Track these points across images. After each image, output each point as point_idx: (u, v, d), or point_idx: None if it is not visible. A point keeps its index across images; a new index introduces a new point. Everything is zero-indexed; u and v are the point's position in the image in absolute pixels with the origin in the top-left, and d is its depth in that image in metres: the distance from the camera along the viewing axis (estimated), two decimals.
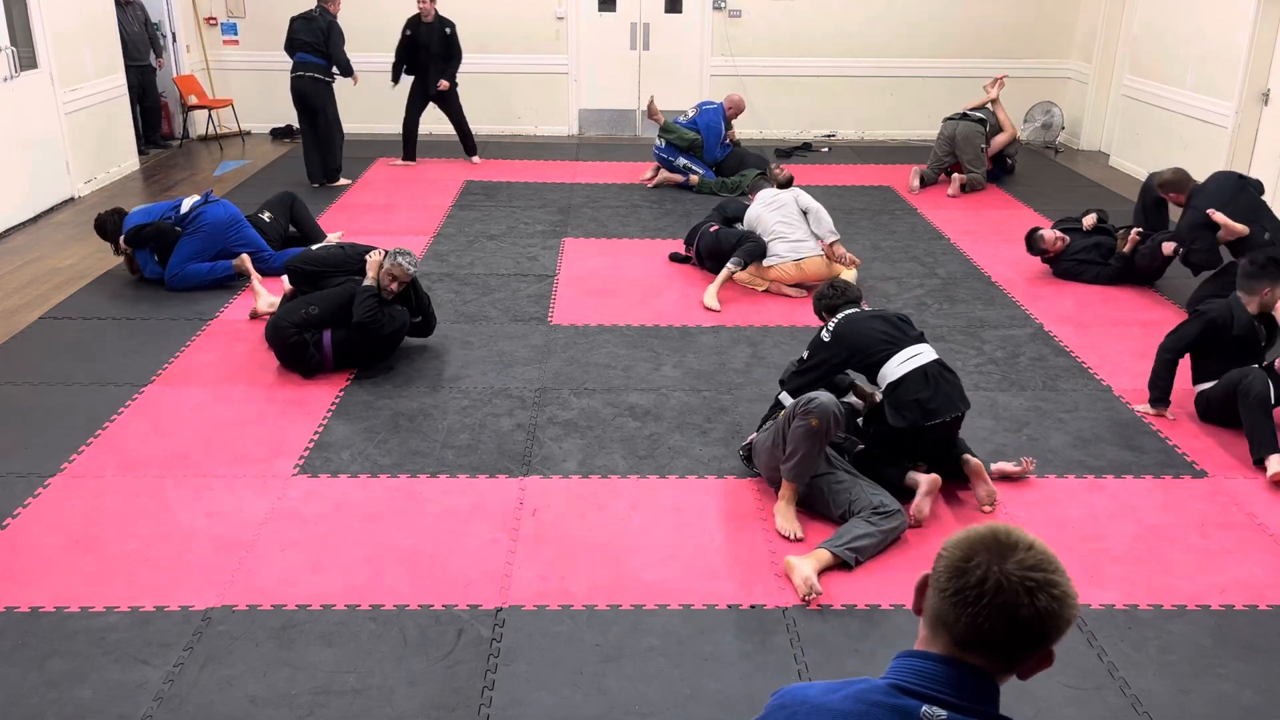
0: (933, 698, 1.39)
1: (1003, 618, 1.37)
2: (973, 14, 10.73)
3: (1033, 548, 1.40)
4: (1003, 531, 1.42)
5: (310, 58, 8.44)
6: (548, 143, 10.76)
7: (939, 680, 1.40)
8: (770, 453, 3.94)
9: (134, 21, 9.55)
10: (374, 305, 5.04)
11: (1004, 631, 1.37)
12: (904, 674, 1.43)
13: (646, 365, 5.29)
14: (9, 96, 7.44)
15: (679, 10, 10.81)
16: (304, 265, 5.35)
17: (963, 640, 1.40)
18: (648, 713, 2.96)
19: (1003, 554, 1.39)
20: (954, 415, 3.99)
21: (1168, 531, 3.90)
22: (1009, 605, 1.36)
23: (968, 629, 1.39)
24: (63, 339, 5.55)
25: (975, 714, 1.39)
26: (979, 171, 8.80)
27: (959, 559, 1.41)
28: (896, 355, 4.01)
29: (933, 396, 3.92)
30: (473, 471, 4.25)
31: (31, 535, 3.77)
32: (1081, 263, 6.57)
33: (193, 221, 6.22)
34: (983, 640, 1.39)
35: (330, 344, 5.05)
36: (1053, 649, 1.42)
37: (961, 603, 1.39)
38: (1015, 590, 1.36)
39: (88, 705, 2.95)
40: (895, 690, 1.41)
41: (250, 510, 3.95)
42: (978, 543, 1.41)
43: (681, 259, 6.94)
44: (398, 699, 2.99)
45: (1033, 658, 1.41)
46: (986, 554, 1.39)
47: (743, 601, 3.45)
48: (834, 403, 3.77)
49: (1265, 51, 7.85)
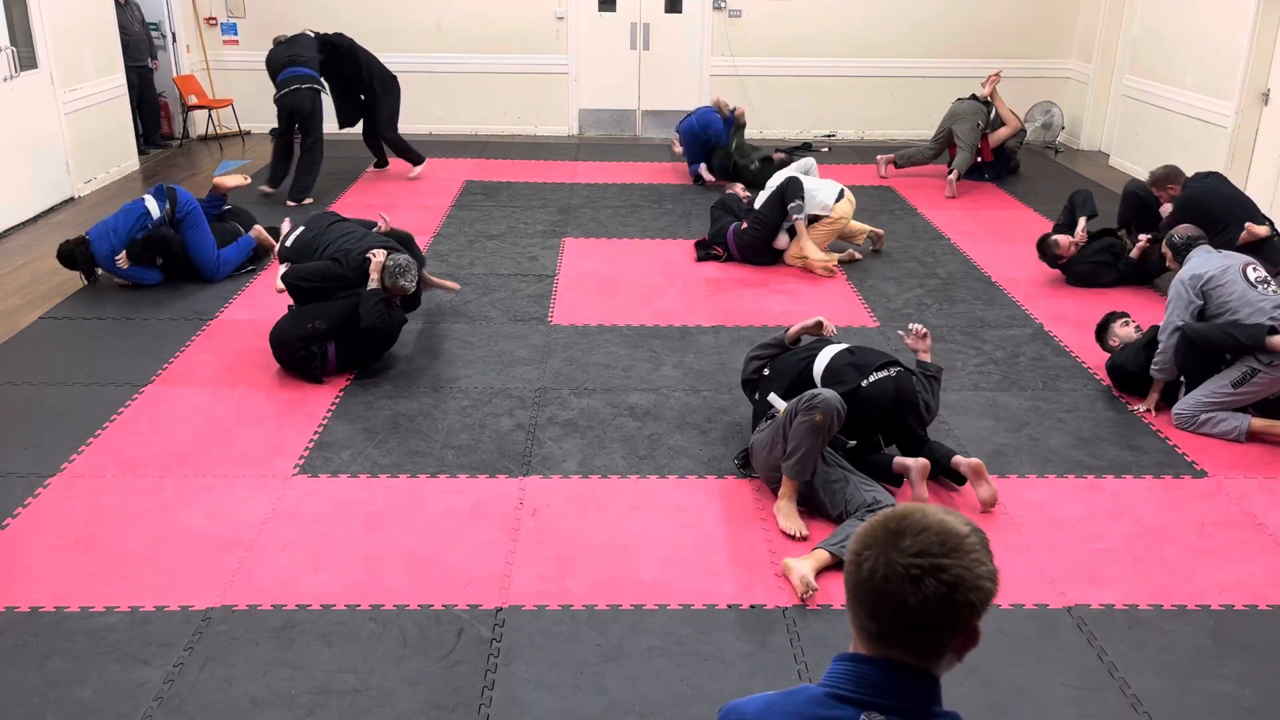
0: (869, 704, 1.37)
1: (894, 609, 1.33)
2: (973, 14, 10.73)
3: (924, 531, 1.34)
4: (896, 517, 1.38)
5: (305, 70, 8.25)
6: (548, 143, 10.76)
7: (873, 685, 1.38)
8: (769, 452, 3.94)
9: (134, 21, 9.56)
10: (383, 310, 5.05)
11: (900, 623, 1.34)
12: (840, 680, 1.40)
13: (646, 365, 5.29)
14: (9, 96, 7.44)
15: (679, 10, 10.80)
16: (308, 285, 5.21)
17: (874, 635, 1.37)
18: (648, 713, 2.96)
19: (891, 542, 1.35)
20: (884, 363, 4.09)
21: (1168, 531, 3.90)
22: (897, 596, 1.32)
23: (873, 624, 1.36)
24: (63, 339, 5.55)
25: (913, 715, 1.36)
26: (967, 151, 8.81)
27: (853, 553, 1.39)
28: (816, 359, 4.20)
29: (857, 360, 4.12)
30: (473, 471, 4.25)
31: (31, 535, 3.77)
32: (1098, 265, 6.53)
33: (189, 216, 6.27)
34: (889, 633, 1.35)
35: (335, 354, 5.06)
36: (975, 626, 1.36)
37: (859, 599, 1.37)
38: (900, 579, 1.32)
39: (88, 705, 2.95)
40: (832, 700, 1.39)
41: (250, 510, 3.95)
42: (869, 534, 1.38)
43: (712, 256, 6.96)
44: (398, 699, 2.99)
45: (952, 641, 1.36)
46: (876, 545, 1.36)
47: (743, 601, 3.45)
48: (837, 398, 3.80)
49: (1265, 51, 7.84)
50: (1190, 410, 4.64)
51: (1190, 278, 4.77)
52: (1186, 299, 4.73)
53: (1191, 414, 4.64)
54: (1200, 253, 4.94)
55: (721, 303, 6.19)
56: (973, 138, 8.84)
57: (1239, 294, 4.64)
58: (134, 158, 9.38)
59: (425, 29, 10.68)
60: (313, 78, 8.25)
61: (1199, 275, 4.75)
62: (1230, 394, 4.56)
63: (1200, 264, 4.83)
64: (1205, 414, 4.61)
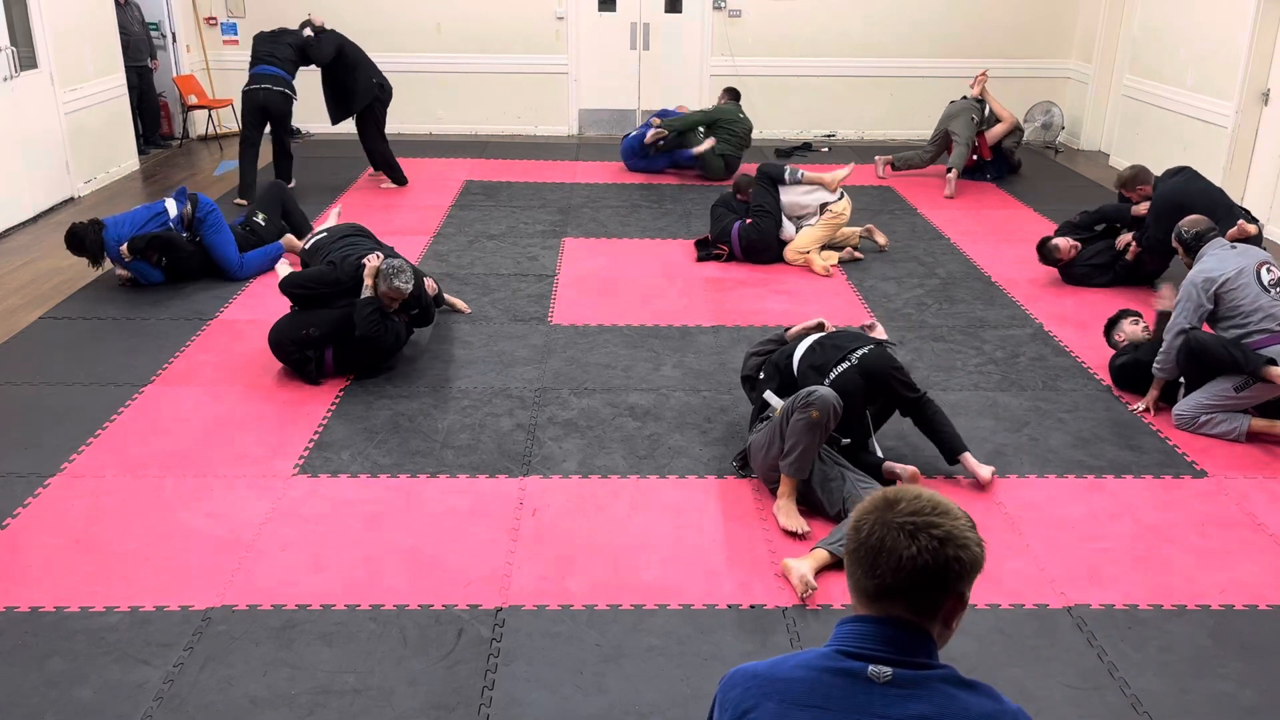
0: (874, 657, 1.48)
1: (891, 564, 1.45)
2: (973, 14, 10.73)
3: (918, 498, 1.49)
4: (894, 490, 1.53)
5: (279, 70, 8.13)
6: (548, 143, 10.76)
7: (877, 639, 1.49)
8: (766, 452, 3.94)
9: (134, 21, 9.56)
10: (377, 319, 4.98)
11: (897, 578, 1.45)
12: (845, 639, 1.51)
13: (646, 365, 5.29)
14: (9, 96, 7.44)
15: (679, 10, 10.81)
16: (302, 291, 5.17)
17: (874, 595, 1.49)
18: (648, 713, 2.96)
19: (888, 508, 1.49)
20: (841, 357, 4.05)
21: (1168, 531, 3.90)
22: (893, 551, 1.45)
23: (871, 583, 1.48)
24: (63, 339, 5.55)
25: (916, 666, 1.47)
26: (964, 145, 8.83)
27: (853, 524, 1.52)
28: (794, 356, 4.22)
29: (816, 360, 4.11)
30: (473, 471, 4.25)
31: (31, 535, 3.77)
32: (1095, 267, 6.53)
33: (209, 217, 6.31)
34: (887, 591, 1.47)
35: (332, 360, 5.06)
36: (963, 592, 1.48)
37: (858, 560, 1.49)
38: (895, 535, 1.45)
39: (88, 705, 2.95)
40: (839, 655, 1.50)
41: (250, 510, 3.95)
42: (867, 506, 1.52)
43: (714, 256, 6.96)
44: (398, 699, 2.99)
45: (945, 602, 1.48)
46: (875, 512, 1.50)
47: (743, 601, 3.45)
48: (834, 396, 3.79)
49: (1265, 51, 7.85)
50: (1191, 411, 4.64)
51: (1203, 280, 4.66)
52: (1196, 302, 4.63)
53: (1192, 415, 4.64)
54: (1214, 248, 4.84)
55: (721, 303, 6.19)
56: (969, 132, 8.86)
57: (1251, 298, 4.57)
58: (134, 158, 9.38)
59: (425, 29, 10.68)
60: (285, 80, 8.11)
61: (1212, 278, 4.65)
62: (1232, 397, 4.56)
63: (1214, 265, 4.72)
64: (1205, 414, 4.61)
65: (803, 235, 6.83)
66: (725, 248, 6.91)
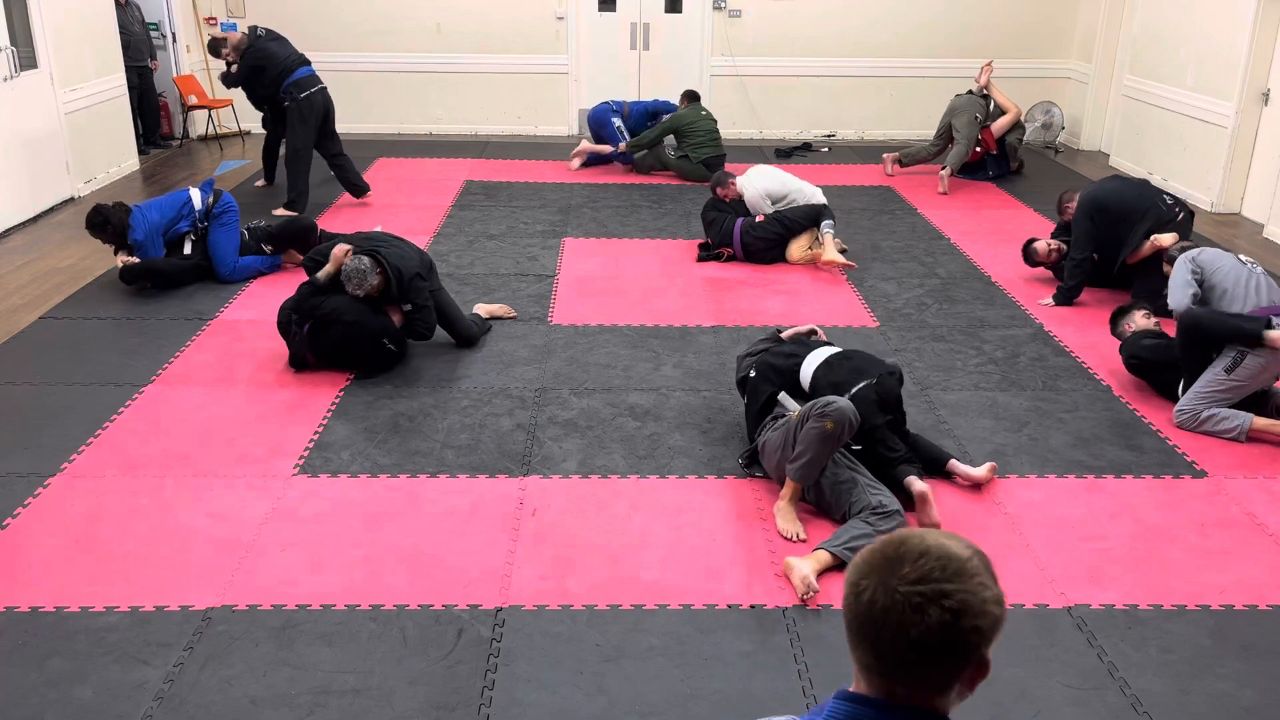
0: None
1: (899, 643, 1.25)
2: (973, 14, 10.73)
3: (924, 556, 1.26)
4: (894, 544, 1.29)
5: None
6: (548, 143, 10.76)
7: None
8: (781, 453, 3.94)
9: (134, 21, 9.56)
10: (305, 293, 5.11)
11: (904, 656, 1.25)
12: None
13: (646, 365, 5.29)
14: (9, 96, 7.44)
15: (679, 10, 10.80)
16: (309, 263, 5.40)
17: (877, 672, 1.29)
18: (648, 713, 2.96)
19: (890, 570, 1.27)
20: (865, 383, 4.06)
21: (1168, 531, 3.90)
22: (900, 626, 1.24)
23: (875, 660, 1.28)
24: (63, 339, 5.55)
25: None
26: (963, 144, 8.84)
27: (851, 584, 1.31)
28: (805, 362, 4.24)
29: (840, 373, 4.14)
30: (473, 471, 4.25)
31: (31, 535, 3.77)
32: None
33: (224, 215, 6.33)
34: (893, 668, 1.27)
35: (307, 335, 5.07)
36: (985, 656, 1.29)
37: (857, 631, 1.29)
38: (901, 609, 1.24)
39: (88, 705, 2.95)
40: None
41: (250, 510, 3.95)
42: (866, 562, 1.31)
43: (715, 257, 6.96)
44: (398, 699, 2.99)
45: (962, 674, 1.28)
46: (874, 574, 1.28)
47: (743, 601, 3.45)
48: (851, 409, 3.78)
49: (1265, 51, 7.85)
50: (1191, 407, 4.65)
51: (1185, 256, 5.06)
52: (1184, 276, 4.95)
53: (1193, 411, 4.64)
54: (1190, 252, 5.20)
55: (721, 303, 6.19)
56: (970, 131, 8.86)
57: (1234, 276, 4.87)
58: (134, 158, 9.38)
59: (425, 29, 10.68)
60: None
61: (1192, 255, 5.05)
62: (1225, 381, 4.58)
63: (1192, 250, 5.15)
64: (1207, 411, 4.61)
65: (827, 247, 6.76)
66: (728, 250, 6.91)
